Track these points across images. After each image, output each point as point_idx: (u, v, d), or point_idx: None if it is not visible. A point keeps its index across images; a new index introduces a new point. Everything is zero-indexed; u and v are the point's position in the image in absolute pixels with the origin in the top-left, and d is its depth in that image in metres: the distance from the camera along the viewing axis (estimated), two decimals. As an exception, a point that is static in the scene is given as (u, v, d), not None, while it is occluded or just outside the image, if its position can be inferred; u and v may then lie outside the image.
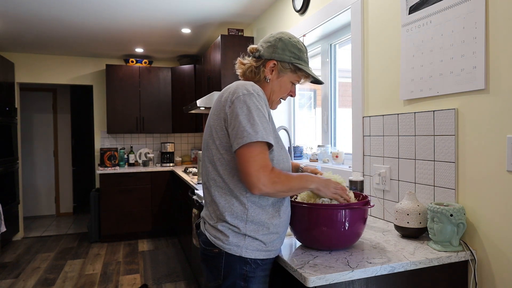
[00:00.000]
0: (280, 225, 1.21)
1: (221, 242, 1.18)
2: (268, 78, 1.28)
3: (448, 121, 1.36)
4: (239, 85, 1.19)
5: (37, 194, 6.02)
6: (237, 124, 1.12)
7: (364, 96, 1.85)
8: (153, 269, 3.61)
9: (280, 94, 1.32)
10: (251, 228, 1.17)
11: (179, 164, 5.15)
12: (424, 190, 1.48)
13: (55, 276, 3.45)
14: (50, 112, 6.07)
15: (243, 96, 1.15)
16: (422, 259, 1.18)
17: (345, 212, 1.20)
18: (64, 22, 3.49)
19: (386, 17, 1.68)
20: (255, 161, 1.10)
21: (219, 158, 1.20)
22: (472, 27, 1.26)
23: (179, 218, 4.16)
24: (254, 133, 1.10)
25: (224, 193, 1.20)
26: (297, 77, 1.32)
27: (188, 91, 4.92)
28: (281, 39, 1.28)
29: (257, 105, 1.14)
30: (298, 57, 1.28)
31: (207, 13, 3.28)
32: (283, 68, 1.28)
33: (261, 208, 1.18)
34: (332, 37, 2.43)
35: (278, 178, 1.12)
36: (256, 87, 1.19)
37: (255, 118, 1.12)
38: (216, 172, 1.21)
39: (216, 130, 1.21)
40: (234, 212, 1.18)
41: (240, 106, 1.13)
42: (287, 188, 1.15)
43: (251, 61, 1.30)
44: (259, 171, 1.09)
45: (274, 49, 1.27)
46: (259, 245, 1.18)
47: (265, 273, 1.22)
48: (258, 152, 1.11)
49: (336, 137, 2.48)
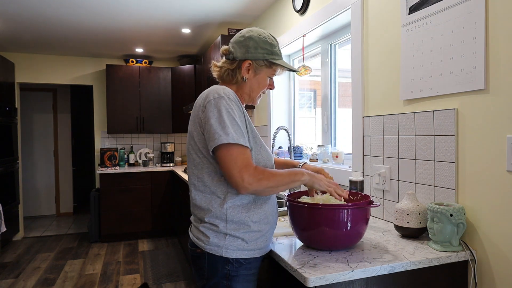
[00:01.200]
0: (262, 223, 1.23)
1: (202, 243, 1.21)
2: (246, 78, 1.31)
3: (448, 121, 1.36)
4: (211, 90, 1.22)
5: (37, 194, 6.02)
6: (209, 128, 1.16)
7: (364, 96, 1.85)
8: (153, 269, 3.61)
9: (259, 90, 1.35)
10: (232, 227, 1.19)
11: (179, 164, 5.15)
12: (424, 190, 1.48)
13: (55, 276, 3.45)
14: (50, 112, 6.07)
15: (214, 100, 1.18)
16: (422, 259, 1.18)
17: (349, 212, 1.20)
18: (64, 22, 3.49)
19: (386, 17, 1.68)
20: (235, 162, 1.13)
21: (198, 162, 1.24)
22: (472, 27, 1.26)
23: (179, 218, 4.16)
24: (225, 135, 1.13)
25: (204, 195, 1.23)
26: (272, 71, 1.34)
27: (188, 91, 4.92)
28: (251, 37, 1.29)
29: (227, 108, 1.17)
30: (270, 52, 1.30)
31: (207, 13, 3.28)
32: (258, 66, 1.30)
33: (241, 207, 1.20)
34: (332, 37, 2.43)
35: (262, 175, 1.15)
36: (228, 90, 1.22)
37: (225, 121, 1.15)
38: (195, 176, 1.25)
39: (193, 136, 1.25)
40: (214, 212, 1.20)
41: (211, 109, 1.17)
42: (275, 184, 1.17)
43: (225, 64, 1.32)
44: (242, 171, 1.12)
45: (246, 49, 1.29)
46: (240, 244, 1.20)
47: (249, 272, 1.23)
48: (237, 153, 1.14)
49: (336, 137, 2.48)
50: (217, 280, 1.21)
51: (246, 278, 1.22)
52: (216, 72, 1.35)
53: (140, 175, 4.62)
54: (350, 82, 1.99)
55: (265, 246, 1.26)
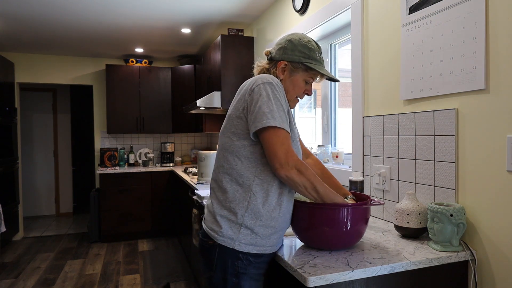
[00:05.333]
0: (278, 220, 1.22)
1: (216, 234, 1.21)
2: (280, 78, 1.33)
3: (448, 121, 1.36)
4: (259, 76, 1.25)
5: (37, 194, 6.02)
6: (256, 109, 1.17)
7: (364, 96, 1.85)
8: (153, 269, 3.61)
9: (294, 93, 1.34)
10: (249, 217, 1.19)
11: (179, 164, 5.15)
12: (424, 190, 1.48)
13: (55, 276, 3.45)
14: (50, 112, 6.06)
15: (263, 84, 1.20)
16: (422, 259, 1.18)
17: (348, 211, 1.20)
18: (64, 22, 3.49)
19: (386, 17, 1.68)
20: (282, 143, 1.15)
21: (230, 145, 1.24)
22: (472, 27, 1.26)
23: (179, 218, 4.16)
24: (272, 118, 1.15)
25: (230, 179, 1.23)
26: (309, 76, 1.34)
27: (188, 91, 4.92)
28: (291, 40, 1.32)
29: (276, 94, 1.20)
30: (308, 56, 1.31)
31: (207, 13, 3.28)
32: (294, 68, 1.31)
33: (264, 198, 1.20)
34: (332, 37, 2.43)
35: (305, 170, 1.16)
36: (275, 78, 1.25)
37: (273, 104, 1.17)
38: (225, 159, 1.25)
39: (232, 118, 1.25)
40: (237, 198, 1.20)
41: (260, 93, 1.19)
42: (311, 186, 1.17)
43: (264, 64, 1.37)
44: (288, 154, 1.15)
45: (284, 51, 1.32)
46: (253, 239, 1.19)
47: (257, 271, 1.23)
48: (284, 137, 1.17)
49: (336, 137, 2.48)
50: (225, 277, 1.20)
51: (254, 277, 1.22)
52: (255, 72, 1.40)
53: (140, 175, 4.62)
54: (350, 82, 1.99)
55: (277, 244, 1.26)
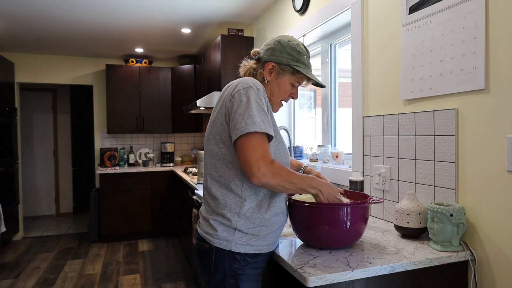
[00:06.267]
0: (272, 220, 1.22)
1: (211, 237, 1.21)
2: (267, 80, 1.31)
3: (448, 121, 1.36)
4: (240, 80, 1.23)
5: (37, 194, 6.02)
6: (236, 116, 1.15)
7: (364, 96, 1.85)
8: (153, 269, 3.61)
9: (280, 96, 1.34)
10: (242, 222, 1.19)
11: (179, 164, 5.15)
12: (424, 190, 1.48)
13: (55, 276, 3.45)
14: (50, 112, 6.06)
15: (243, 89, 1.18)
16: (422, 259, 1.18)
17: (347, 210, 1.20)
18: (64, 22, 3.49)
19: (386, 17, 1.68)
20: (255, 150, 1.12)
21: (217, 152, 1.23)
22: (472, 27, 1.25)
23: (179, 218, 4.15)
24: (252, 124, 1.13)
25: (219, 186, 1.22)
26: (296, 79, 1.33)
27: (188, 91, 4.92)
28: (280, 41, 1.31)
29: (256, 98, 1.17)
30: (296, 59, 1.30)
31: (207, 13, 3.28)
32: (281, 70, 1.30)
33: (255, 202, 1.20)
34: (332, 37, 2.43)
35: (278, 171, 1.13)
36: (256, 81, 1.23)
37: (253, 110, 1.15)
38: (213, 166, 1.25)
39: (216, 125, 1.24)
40: (228, 204, 1.20)
41: (240, 99, 1.17)
42: (288, 183, 1.15)
43: (251, 64, 1.35)
44: (259, 160, 1.11)
45: (272, 52, 1.30)
46: (249, 239, 1.19)
47: (255, 272, 1.23)
48: (258, 143, 1.13)
49: (336, 137, 2.48)
50: (224, 278, 1.20)
51: (252, 277, 1.22)
52: (242, 72, 1.38)
53: (140, 175, 4.62)
54: (350, 82, 1.99)
55: (273, 243, 1.26)
